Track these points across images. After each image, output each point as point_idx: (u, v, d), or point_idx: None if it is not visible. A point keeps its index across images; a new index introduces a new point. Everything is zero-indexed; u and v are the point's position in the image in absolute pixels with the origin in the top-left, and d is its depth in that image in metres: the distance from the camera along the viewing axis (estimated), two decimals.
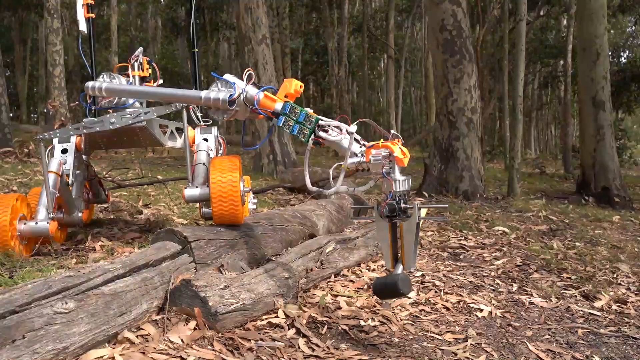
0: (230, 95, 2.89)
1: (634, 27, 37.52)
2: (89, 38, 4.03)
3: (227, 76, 2.99)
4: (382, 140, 2.50)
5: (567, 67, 18.80)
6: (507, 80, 17.71)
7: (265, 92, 2.81)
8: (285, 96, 2.78)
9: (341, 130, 2.63)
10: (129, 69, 3.75)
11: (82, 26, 3.97)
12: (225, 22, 25.90)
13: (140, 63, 3.78)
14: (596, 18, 9.46)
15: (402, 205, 2.39)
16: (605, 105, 9.54)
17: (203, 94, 3.00)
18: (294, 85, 2.81)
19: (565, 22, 24.43)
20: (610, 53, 25.08)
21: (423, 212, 2.46)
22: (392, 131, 2.54)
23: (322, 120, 2.65)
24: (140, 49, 3.80)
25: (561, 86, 28.35)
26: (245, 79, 2.91)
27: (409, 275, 2.34)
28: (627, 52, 32.71)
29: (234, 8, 10.98)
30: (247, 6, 10.49)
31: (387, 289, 2.37)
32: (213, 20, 25.39)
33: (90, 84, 3.45)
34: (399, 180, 2.43)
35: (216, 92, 2.96)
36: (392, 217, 2.42)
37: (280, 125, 2.71)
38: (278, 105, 2.75)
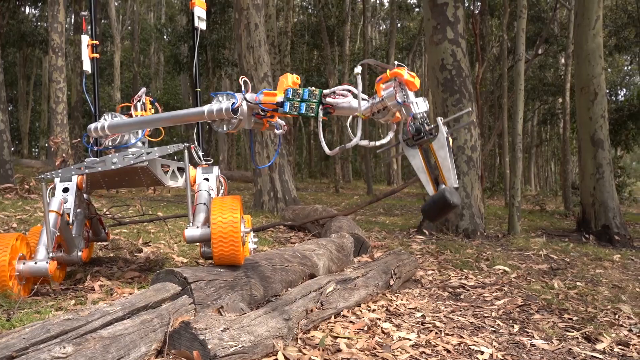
0: (233, 104, 2.96)
1: (630, 66, 37.97)
2: (92, 78, 4.09)
3: (222, 92, 3.09)
4: (388, 71, 2.51)
5: (566, 104, 18.95)
6: (506, 117, 17.85)
7: (264, 91, 2.90)
8: None
9: (345, 95, 2.68)
10: (132, 109, 3.79)
11: (87, 66, 4.05)
12: (227, 59, 26.21)
13: (143, 103, 3.83)
14: (593, 58, 9.58)
15: (426, 126, 2.38)
16: (603, 143, 9.59)
17: (206, 108, 3.08)
18: (290, 79, 2.88)
19: (563, 60, 24.74)
20: (607, 91, 25.34)
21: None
22: (396, 62, 2.55)
23: (326, 90, 2.72)
24: (144, 90, 3.85)
25: (560, 123, 28.59)
26: (242, 86, 3.01)
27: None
28: (625, 90, 33.02)
29: (236, 46, 11.13)
30: (249, 45, 10.65)
31: (436, 205, 2.29)
32: (215, 57, 25.67)
33: (92, 126, 3.50)
34: (416, 103, 2.43)
35: (219, 104, 3.03)
36: (419, 139, 2.39)
37: (287, 110, 2.76)
38: (280, 97, 2.81)
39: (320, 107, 2.71)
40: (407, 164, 42.84)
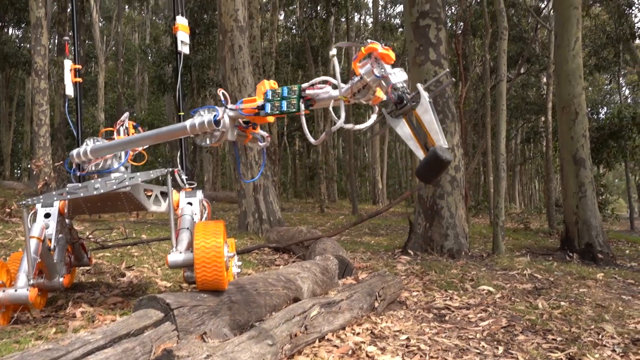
0: (215, 116, 2.99)
1: (610, 85, 38.58)
2: (75, 102, 4.08)
3: (203, 107, 3.15)
4: (362, 48, 2.57)
5: (548, 123, 19.19)
6: (490, 135, 17.98)
7: (244, 99, 3.00)
8: None
9: (323, 87, 2.74)
10: (115, 134, 3.78)
11: (69, 90, 4.04)
12: (212, 79, 26.24)
13: (126, 128, 3.82)
14: (573, 79, 9.73)
15: (407, 95, 2.42)
16: (585, 162, 9.71)
17: (188, 122, 3.10)
18: (267, 85, 2.94)
19: (545, 79, 25.07)
20: (589, 109, 25.71)
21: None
22: (369, 40, 2.61)
23: (304, 85, 2.77)
24: (127, 114, 3.85)
25: (543, 141, 28.88)
26: (222, 98, 3.06)
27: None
28: (605, 108, 33.49)
29: (220, 67, 11.16)
30: (233, 67, 10.68)
31: (429, 165, 2.32)
32: (200, 78, 25.68)
33: (74, 151, 3.49)
34: (394, 73, 2.48)
35: (200, 117, 3.06)
36: (403, 107, 2.42)
37: (269, 111, 2.83)
38: (259, 102, 2.87)
39: (301, 100, 2.77)
40: (392, 182, 42.99)
